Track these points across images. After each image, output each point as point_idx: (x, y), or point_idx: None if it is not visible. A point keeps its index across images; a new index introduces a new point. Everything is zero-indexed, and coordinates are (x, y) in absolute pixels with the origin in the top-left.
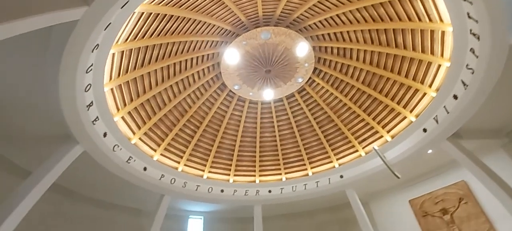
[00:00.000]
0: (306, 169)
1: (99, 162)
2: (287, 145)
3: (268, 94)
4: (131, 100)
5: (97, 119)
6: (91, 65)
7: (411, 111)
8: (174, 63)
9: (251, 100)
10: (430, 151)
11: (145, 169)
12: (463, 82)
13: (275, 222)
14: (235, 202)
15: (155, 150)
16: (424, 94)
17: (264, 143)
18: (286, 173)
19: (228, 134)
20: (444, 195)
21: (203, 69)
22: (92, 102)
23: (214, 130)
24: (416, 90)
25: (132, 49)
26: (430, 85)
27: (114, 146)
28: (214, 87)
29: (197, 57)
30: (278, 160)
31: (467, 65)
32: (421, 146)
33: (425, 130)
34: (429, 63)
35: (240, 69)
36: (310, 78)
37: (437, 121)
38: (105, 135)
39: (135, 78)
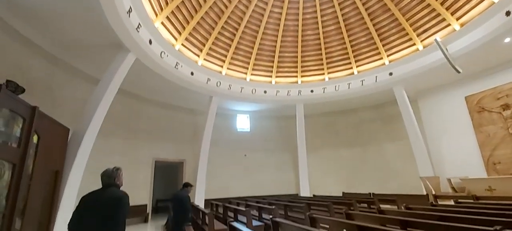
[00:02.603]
0: (351, 68)
1: (151, 67)
2: (332, 43)
3: None
4: (167, 3)
5: (139, 26)
6: None
7: None
8: None
9: None
10: (507, 40)
11: (192, 73)
12: None
13: (316, 119)
14: (277, 102)
15: (198, 55)
16: None
17: (306, 42)
18: (329, 73)
19: (268, 34)
20: (511, 89)
21: None
22: (130, 8)
23: (253, 31)
24: None
25: None
26: None
27: (161, 53)
28: None
29: None
30: (321, 59)
31: None
32: (498, 34)
33: (508, 13)
34: None
35: None
36: None
37: None
38: (150, 42)
39: None
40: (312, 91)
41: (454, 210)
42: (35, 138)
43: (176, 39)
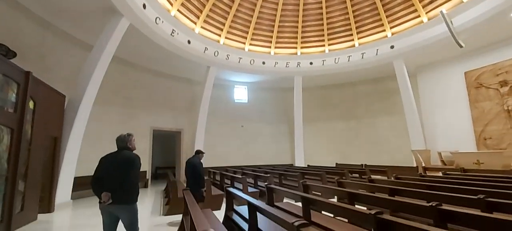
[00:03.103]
0: (352, 40)
1: (146, 34)
2: (334, 13)
3: None
4: None
5: None
6: None
7: None
8: None
9: None
10: None
11: (189, 42)
12: None
13: (313, 92)
14: (276, 74)
15: (195, 23)
16: None
17: (307, 11)
18: (329, 45)
19: (268, 1)
20: (511, 66)
21: None
22: None
23: None
24: None
25: None
26: None
27: (156, 18)
28: None
29: None
30: (322, 30)
31: None
32: (504, 8)
33: None
34: None
35: None
36: None
37: None
38: (144, 6)
39: None
40: (311, 63)
41: (442, 180)
42: (31, 104)
43: (171, 4)
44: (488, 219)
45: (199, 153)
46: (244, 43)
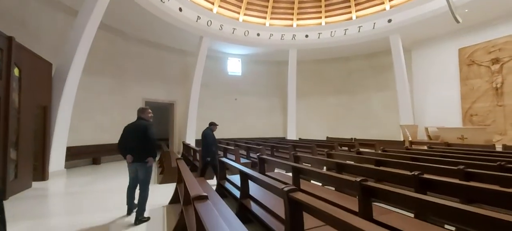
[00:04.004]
0: (350, 12)
1: None
2: None
3: None
4: None
5: None
6: None
7: None
8: None
9: None
10: None
11: (180, 9)
12: None
13: (307, 66)
14: (271, 46)
15: None
16: None
17: None
18: (326, 17)
19: None
20: (505, 44)
21: None
22: None
23: None
24: None
25: None
26: None
27: None
28: None
29: None
30: (320, 1)
31: None
32: None
33: None
34: None
35: None
36: None
37: None
38: None
39: None
40: (307, 36)
41: (426, 153)
42: (16, 71)
43: None
44: (464, 186)
45: (211, 124)
46: (239, 13)
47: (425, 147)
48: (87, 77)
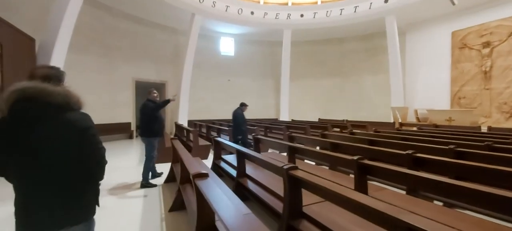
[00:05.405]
0: None
1: None
2: None
3: None
4: None
5: None
6: None
7: None
8: None
9: None
10: None
11: None
12: None
13: (301, 47)
14: (265, 26)
15: None
16: None
17: None
18: None
19: None
20: (497, 27)
21: None
22: None
23: None
24: None
25: None
26: None
27: None
28: None
29: None
30: None
31: None
32: None
33: None
34: None
35: None
36: None
37: None
38: None
39: None
40: (302, 15)
41: (416, 133)
42: None
43: None
44: (456, 164)
45: (242, 105)
46: None
47: (415, 128)
48: (72, 55)
